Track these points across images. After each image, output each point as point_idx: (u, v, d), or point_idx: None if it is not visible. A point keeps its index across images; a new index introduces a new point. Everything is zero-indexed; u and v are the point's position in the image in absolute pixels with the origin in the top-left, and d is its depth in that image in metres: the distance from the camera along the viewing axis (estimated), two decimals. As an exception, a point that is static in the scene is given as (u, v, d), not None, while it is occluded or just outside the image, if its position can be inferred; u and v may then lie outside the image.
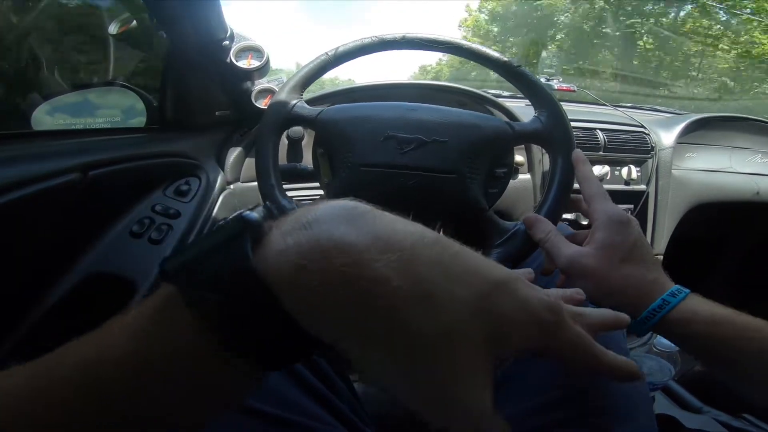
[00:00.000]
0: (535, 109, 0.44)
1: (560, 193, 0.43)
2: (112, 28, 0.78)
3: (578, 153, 0.42)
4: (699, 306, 0.35)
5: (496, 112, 0.80)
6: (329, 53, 0.46)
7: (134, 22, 0.77)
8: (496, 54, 0.45)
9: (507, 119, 0.45)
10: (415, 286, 0.17)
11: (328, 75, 0.51)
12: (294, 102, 0.44)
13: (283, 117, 0.44)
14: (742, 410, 0.58)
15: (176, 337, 0.17)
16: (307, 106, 0.45)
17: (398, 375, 0.18)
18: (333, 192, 0.43)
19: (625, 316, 0.29)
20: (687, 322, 0.34)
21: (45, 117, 0.68)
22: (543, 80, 1.11)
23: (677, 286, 0.37)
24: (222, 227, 0.17)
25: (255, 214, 0.18)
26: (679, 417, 0.58)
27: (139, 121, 0.71)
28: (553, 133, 0.43)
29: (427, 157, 0.42)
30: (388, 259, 0.17)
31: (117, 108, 0.73)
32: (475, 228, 0.43)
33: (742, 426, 0.56)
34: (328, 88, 0.83)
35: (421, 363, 0.17)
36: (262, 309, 0.16)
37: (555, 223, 0.43)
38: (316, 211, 0.18)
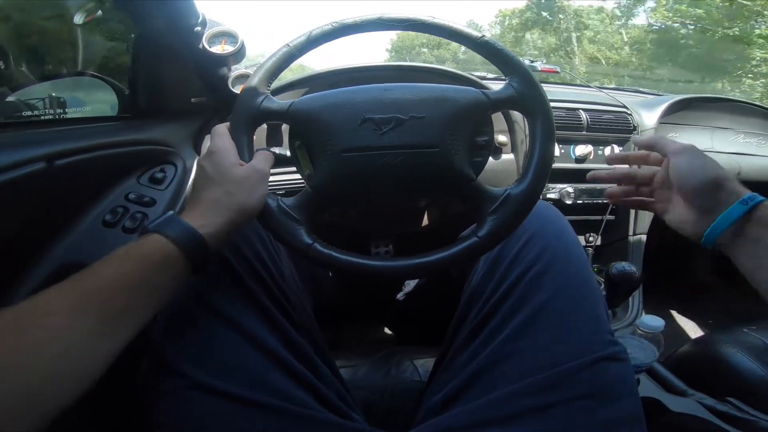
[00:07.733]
0: (506, 76, 0.44)
1: (542, 158, 0.42)
2: (78, 18, 0.76)
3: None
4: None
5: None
6: (290, 44, 0.44)
7: (100, 11, 0.74)
8: (459, 26, 0.45)
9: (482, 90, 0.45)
10: None
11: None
12: (261, 98, 0.43)
13: (253, 114, 0.43)
14: (727, 393, 0.59)
15: (169, 265, 0.34)
16: (276, 100, 0.43)
17: None
18: (317, 181, 0.42)
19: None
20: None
21: (11, 109, 0.65)
22: (527, 62, 1.10)
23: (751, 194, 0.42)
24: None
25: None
26: (663, 400, 0.59)
27: (111, 110, 0.69)
28: (527, 96, 0.43)
29: (407, 135, 0.41)
30: None
31: (88, 98, 0.71)
32: (465, 199, 0.44)
33: (727, 410, 0.56)
34: (289, 77, 0.80)
35: None
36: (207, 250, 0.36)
37: (539, 194, 0.43)
38: None
